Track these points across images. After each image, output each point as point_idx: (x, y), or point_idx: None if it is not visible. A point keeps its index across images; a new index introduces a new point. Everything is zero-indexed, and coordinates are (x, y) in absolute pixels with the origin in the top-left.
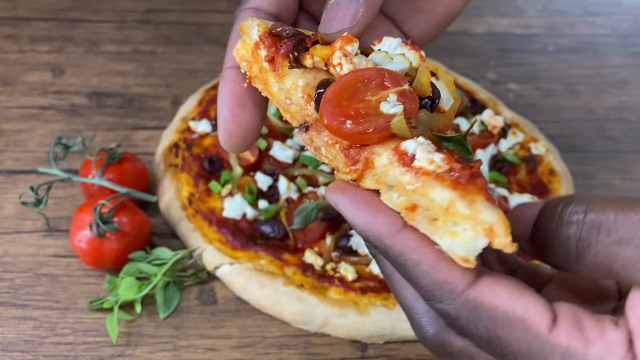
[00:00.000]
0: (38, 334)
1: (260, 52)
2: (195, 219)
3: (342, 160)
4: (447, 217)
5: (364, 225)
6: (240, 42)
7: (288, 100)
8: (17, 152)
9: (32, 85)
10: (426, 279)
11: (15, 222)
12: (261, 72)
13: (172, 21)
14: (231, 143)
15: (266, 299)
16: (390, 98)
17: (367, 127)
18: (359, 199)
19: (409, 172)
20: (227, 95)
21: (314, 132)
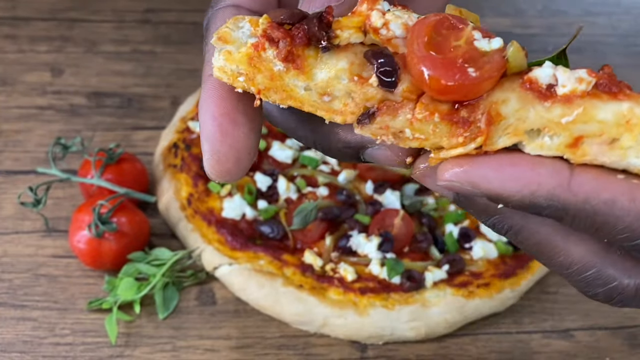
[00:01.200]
0: (37, 335)
1: (267, 54)
2: (194, 219)
3: (446, 131)
4: (633, 132)
5: (525, 189)
6: (224, 56)
7: (327, 97)
8: (16, 152)
9: (31, 85)
10: (629, 216)
11: (14, 223)
12: (273, 80)
13: (172, 21)
14: (220, 170)
15: (265, 300)
16: (476, 35)
17: (488, 68)
18: (501, 163)
19: (555, 104)
20: (213, 109)
21: (385, 116)
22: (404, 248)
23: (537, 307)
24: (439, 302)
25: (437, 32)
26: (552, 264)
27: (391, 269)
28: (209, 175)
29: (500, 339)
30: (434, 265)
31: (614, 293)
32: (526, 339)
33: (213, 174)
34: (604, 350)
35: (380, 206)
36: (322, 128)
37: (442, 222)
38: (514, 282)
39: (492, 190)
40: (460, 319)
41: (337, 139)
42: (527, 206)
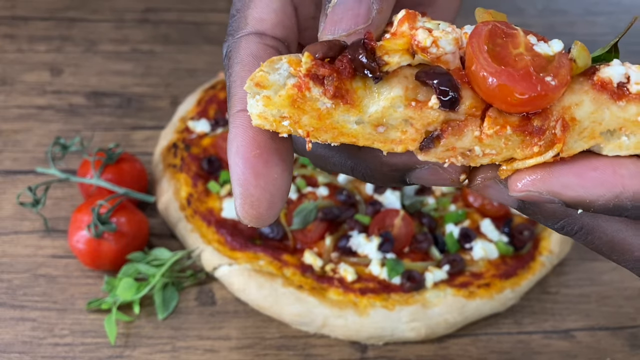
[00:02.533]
0: (36, 335)
1: (312, 93)
2: (193, 220)
3: (519, 143)
4: None
5: (609, 192)
6: (263, 102)
7: (382, 127)
8: (15, 152)
9: (30, 85)
10: None
11: (13, 223)
12: (321, 119)
13: (171, 20)
14: (253, 214)
15: (265, 300)
16: (532, 40)
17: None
18: (580, 169)
19: (632, 101)
20: (244, 148)
21: (450, 138)
22: (404, 248)
23: (537, 308)
24: (439, 302)
25: (493, 42)
26: (625, 260)
27: (391, 269)
28: (241, 219)
29: (501, 339)
30: (435, 265)
31: None
32: (527, 340)
33: (246, 218)
34: (604, 351)
35: (381, 206)
36: (362, 153)
37: (442, 222)
38: (514, 282)
39: (575, 197)
40: (461, 319)
41: (381, 162)
42: (610, 209)
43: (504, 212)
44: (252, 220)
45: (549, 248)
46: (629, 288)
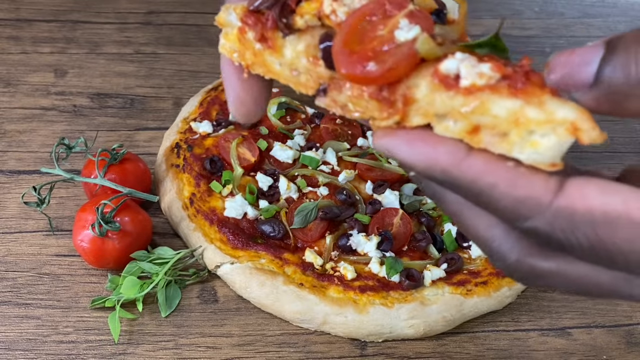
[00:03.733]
0: (40, 333)
1: (248, 36)
2: (196, 219)
3: (376, 107)
4: (519, 129)
5: (425, 162)
6: (223, 36)
7: (295, 72)
8: (20, 153)
9: (35, 86)
10: (506, 199)
11: (18, 222)
12: (256, 56)
13: (174, 23)
14: (243, 111)
15: (266, 298)
16: (402, 23)
17: (391, 62)
18: (412, 137)
19: (458, 94)
20: (232, 67)
21: (334, 92)
22: (403, 247)
23: (534, 306)
24: (437, 300)
25: (368, 20)
26: (468, 235)
27: (390, 267)
28: (236, 118)
29: (498, 336)
30: (433, 263)
31: (510, 269)
32: (524, 337)
33: (237, 115)
34: (600, 349)
35: (380, 205)
36: None
37: (440, 221)
38: (511, 280)
39: (402, 158)
40: (459, 317)
41: None
42: (428, 177)
43: None
44: (242, 115)
45: None
46: None
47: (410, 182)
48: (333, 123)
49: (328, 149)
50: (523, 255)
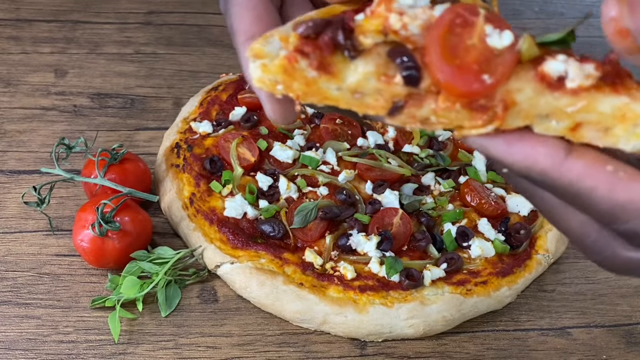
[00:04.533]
0: (40, 333)
1: (300, 65)
2: (196, 219)
3: (466, 116)
4: (625, 123)
5: (524, 162)
6: (260, 68)
7: (357, 94)
8: (20, 153)
9: (35, 86)
10: (606, 203)
11: (18, 222)
12: (309, 86)
13: (174, 23)
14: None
15: (266, 298)
16: (488, 30)
17: (501, 71)
18: (511, 137)
19: (564, 94)
20: None
21: (412, 108)
22: (403, 247)
23: (534, 305)
24: (437, 300)
25: (452, 32)
26: (559, 229)
27: (390, 267)
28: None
29: (498, 336)
30: (433, 263)
31: (606, 262)
32: (523, 337)
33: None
34: (600, 348)
35: (380, 205)
36: None
37: (440, 221)
38: (511, 280)
39: (500, 157)
40: (458, 316)
41: None
42: (525, 177)
43: (501, 211)
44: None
45: (545, 247)
46: (624, 286)
47: (410, 182)
48: (333, 123)
49: (328, 149)
50: (619, 249)
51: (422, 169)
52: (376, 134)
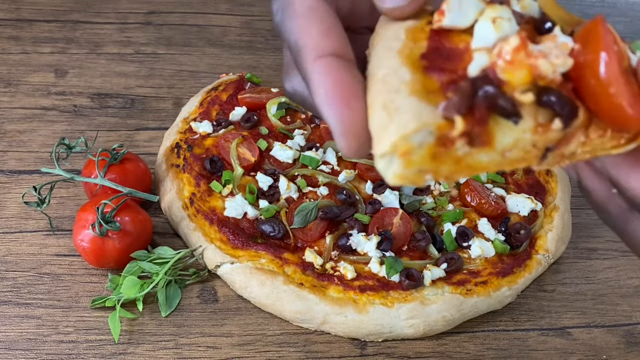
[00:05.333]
0: (41, 333)
1: (456, 146)
2: (196, 219)
3: (614, 137)
4: None
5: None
6: (403, 165)
7: (508, 153)
8: (20, 153)
9: (35, 86)
10: None
11: (18, 222)
12: (458, 163)
13: (174, 23)
14: (357, 146)
15: (267, 298)
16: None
17: None
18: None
19: None
20: (334, 89)
21: (562, 147)
22: (403, 247)
23: (534, 305)
24: (437, 300)
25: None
26: None
27: (390, 267)
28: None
29: (498, 336)
30: (433, 263)
31: None
32: (523, 337)
33: (351, 151)
34: (600, 348)
35: (380, 205)
36: None
37: (440, 221)
38: (511, 280)
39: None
40: (458, 316)
41: None
42: (634, 204)
43: (501, 211)
44: (356, 152)
45: (545, 247)
46: (624, 286)
47: None
48: None
49: (328, 149)
50: None
51: None
52: None
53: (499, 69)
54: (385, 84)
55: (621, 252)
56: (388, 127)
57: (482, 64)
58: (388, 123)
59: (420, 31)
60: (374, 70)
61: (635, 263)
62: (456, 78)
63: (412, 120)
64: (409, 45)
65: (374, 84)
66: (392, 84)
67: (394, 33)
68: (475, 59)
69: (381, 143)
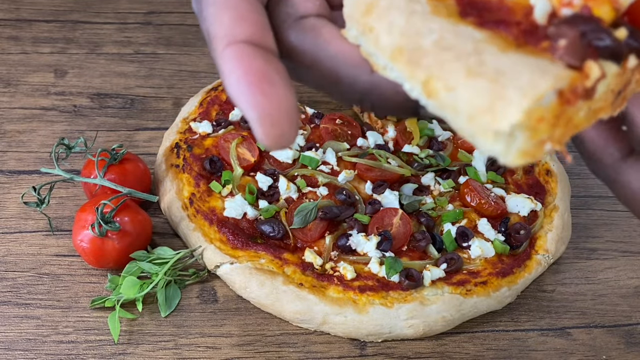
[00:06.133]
0: (40, 333)
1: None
2: (196, 219)
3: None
4: None
5: None
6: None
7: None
8: (20, 153)
9: (35, 86)
10: None
11: (18, 222)
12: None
13: (174, 23)
14: (276, 133)
15: (266, 298)
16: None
17: None
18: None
19: None
20: (245, 76)
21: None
22: (403, 247)
23: (534, 306)
24: (437, 300)
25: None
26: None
27: (390, 267)
28: (266, 145)
29: (498, 336)
30: (432, 263)
31: None
32: (523, 337)
33: (270, 140)
34: (600, 349)
35: (379, 205)
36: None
37: (440, 221)
38: (511, 280)
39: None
40: (458, 316)
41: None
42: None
43: (501, 211)
44: (276, 141)
45: (545, 247)
46: (624, 286)
47: (409, 182)
48: (333, 123)
49: (328, 149)
50: None
51: (422, 169)
52: (376, 134)
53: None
54: (447, 50)
55: (621, 253)
56: (502, 93)
57: (545, 7)
58: (499, 89)
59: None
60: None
61: (635, 263)
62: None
63: (539, 78)
64: (436, 5)
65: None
66: (460, 47)
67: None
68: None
69: (503, 115)
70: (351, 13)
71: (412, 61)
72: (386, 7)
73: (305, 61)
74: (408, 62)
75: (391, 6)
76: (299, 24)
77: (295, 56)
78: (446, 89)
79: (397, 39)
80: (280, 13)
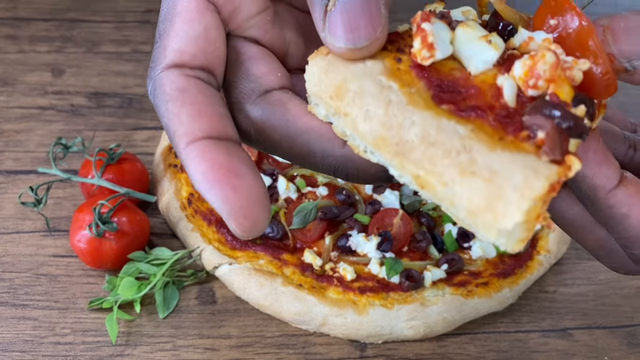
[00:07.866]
0: (37, 334)
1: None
2: (194, 219)
3: None
4: None
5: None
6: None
7: None
8: (17, 152)
9: (32, 85)
10: (633, 231)
11: (15, 222)
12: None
13: None
14: (250, 224)
15: (265, 299)
16: None
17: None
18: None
19: None
20: (211, 172)
21: None
22: (403, 247)
23: (535, 307)
24: (437, 301)
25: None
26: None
27: (390, 268)
28: (240, 235)
29: (499, 338)
30: (433, 264)
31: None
32: (524, 338)
33: (245, 231)
34: (602, 350)
35: (380, 206)
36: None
37: (440, 221)
38: (512, 281)
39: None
40: (459, 318)
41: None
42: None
43: None
44: (250, 230)
45: (546, 247)
46: (625, 287)
47: None
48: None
49: None
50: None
51: None
52: None
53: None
54: (434, 146)
55: None
56: (499, 194)
57: (513, 90)
58: (495, 190)
59: (402, 73)
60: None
61: None
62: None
63: (532, 177)
64: (408, 92)
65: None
66: (448, 144)
67: (372, 84)
68: (505, 86)
69: (505, 216)
70: (317, 93)
71: (400, 154)
72: (358, 93)
73: (275, 136)
74: (395, 153)
75: (363, 92)
76: (264, 100)
77: (263, 131)
78: (442, 184)
79: (378, 128)
80: (244, 89)
